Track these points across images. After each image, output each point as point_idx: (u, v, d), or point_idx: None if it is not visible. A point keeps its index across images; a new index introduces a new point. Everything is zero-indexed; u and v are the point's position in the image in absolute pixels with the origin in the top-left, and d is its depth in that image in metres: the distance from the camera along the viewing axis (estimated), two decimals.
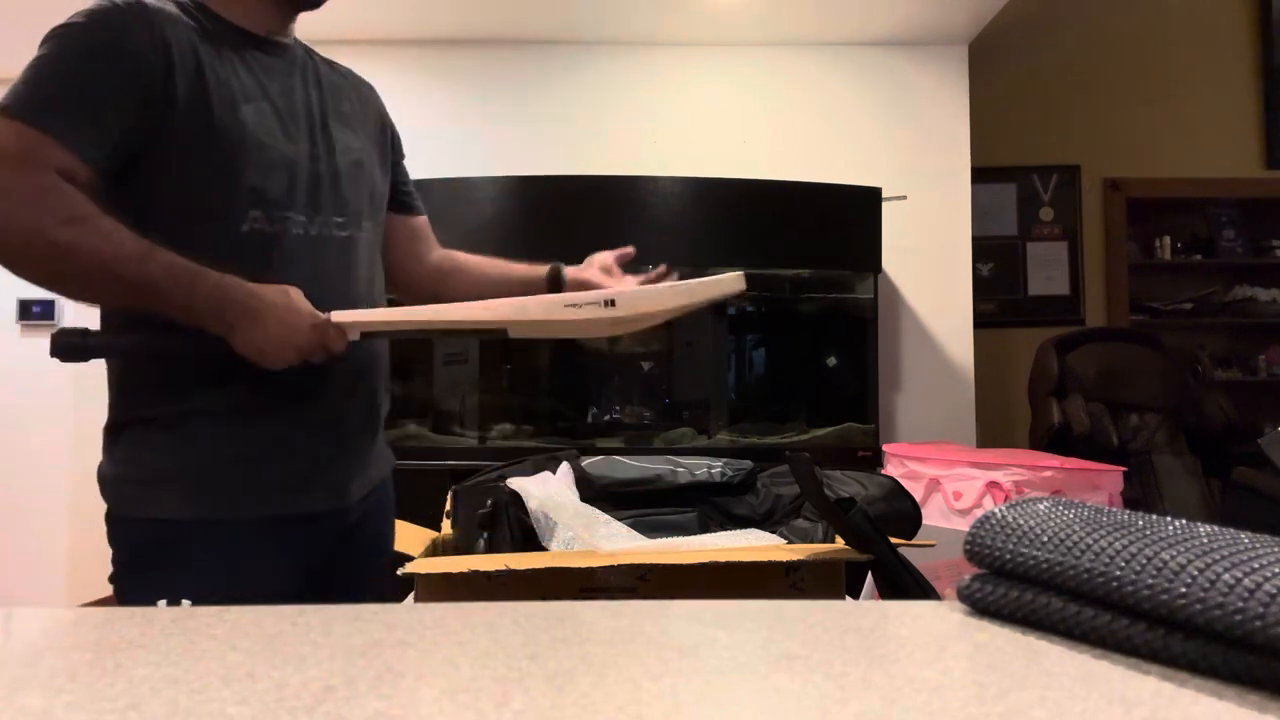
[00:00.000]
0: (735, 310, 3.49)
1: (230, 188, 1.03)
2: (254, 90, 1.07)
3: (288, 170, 1.07)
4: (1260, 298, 4.38)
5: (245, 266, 1.01)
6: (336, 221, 1.12)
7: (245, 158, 1.04)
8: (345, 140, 1.16)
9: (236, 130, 1.04)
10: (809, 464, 1.48)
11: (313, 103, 1.14)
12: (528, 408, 3.28)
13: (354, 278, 1.14)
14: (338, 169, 1.13)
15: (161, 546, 1.04)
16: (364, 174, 1.18)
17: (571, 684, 0.44)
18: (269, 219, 1.06)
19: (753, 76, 3.64)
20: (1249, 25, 4.40)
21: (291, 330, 0.99)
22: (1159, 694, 0.43)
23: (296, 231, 1.07)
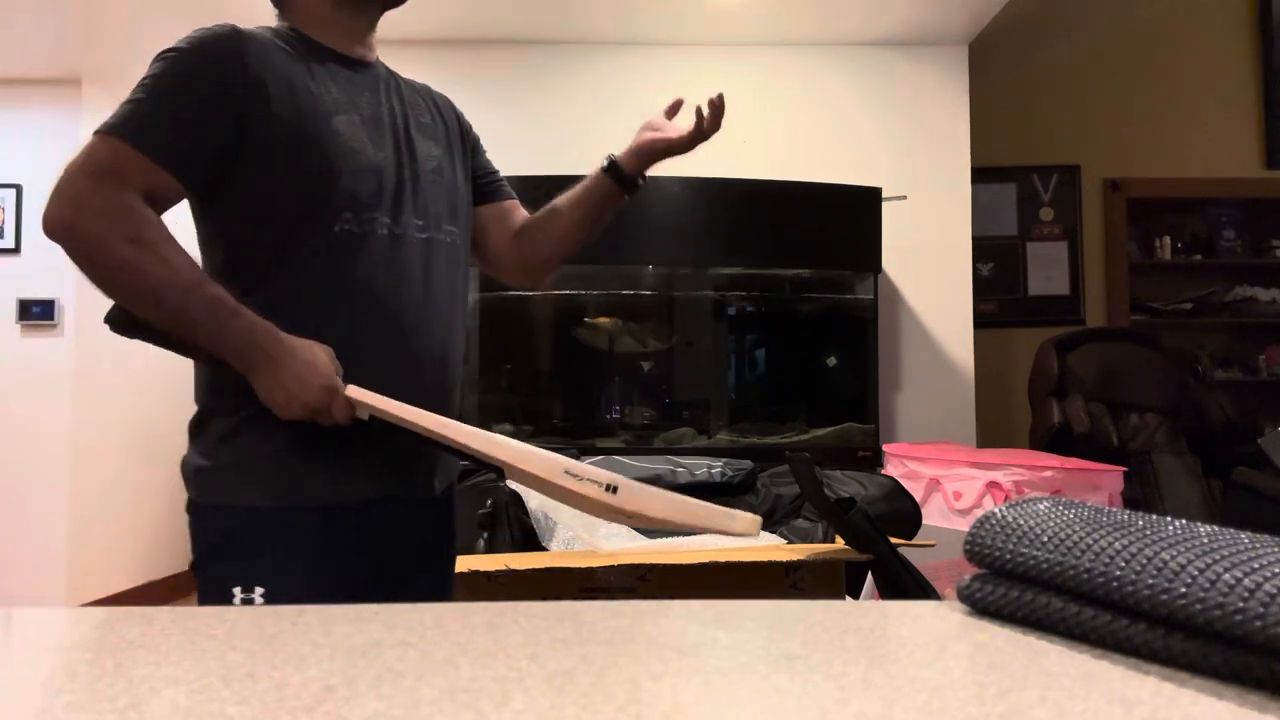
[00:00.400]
0: (735, 310, 3.49)
1: (326, 191, 1.11)
2: (345, 104, 1.16)
3: (376, 175, 1.15)
4: (1260, 298, 4.38)
5: (336, 262, 1.11)
6: (417, 224, 1.19)
7: (340, 164, 1.12)
8: (426, 149, 1.24)
9: (331, 139, 1.12)
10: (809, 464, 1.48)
11: (396, 115, 1.23)
12: (528, 408, 3.28)
13: (433, 276, 1.20)
14: (419, 175, 1.21)
15: (244, 533, 1.09)
16: (444, 180, 1.25)
17: (571, 684, 0.44)
18: (358, 220, 1.13)
19: (753, 76, 3.64)
20: (1249, 25, 4.40)
21: (303, 387, 1.04)
22: (1159, 694, 0.43)
23: (381, 232, 1.15)
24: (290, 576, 1.07)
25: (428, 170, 1.23)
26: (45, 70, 3.78)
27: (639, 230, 3.13)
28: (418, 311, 1.17)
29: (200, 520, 1.13)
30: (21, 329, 3.75)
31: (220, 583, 1.08)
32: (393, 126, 1.21)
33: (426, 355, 1.18)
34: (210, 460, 1.12)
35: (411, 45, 3.54)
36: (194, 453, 1.14)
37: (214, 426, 1.13)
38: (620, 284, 3.28)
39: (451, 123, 1.35)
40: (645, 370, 3.32)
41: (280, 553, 1.08)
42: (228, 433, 1.11)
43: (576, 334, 3.32)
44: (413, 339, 1.16)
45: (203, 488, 1.12)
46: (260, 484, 1.10)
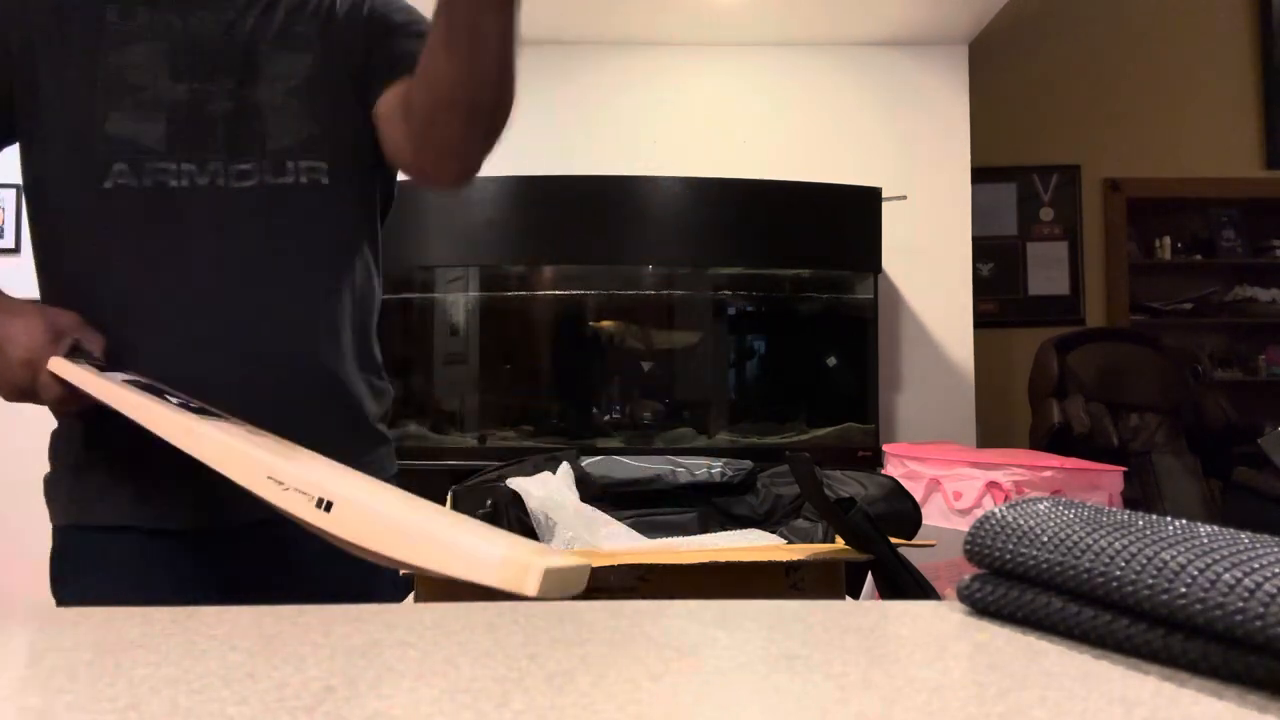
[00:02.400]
0: (735, 310, 3.49)
1: (89, 139, 0.93)
2: (148, 30, 0.96)
3: (166, 113, 0.94)
4: (1260, 298, 4.38)
5: (112, 226, 0.93)
6: (241, 169, 0.95)
7: (108, 103, 0.93)
8: (282, 66, 0.99)
9: (104, 74, 0.93)
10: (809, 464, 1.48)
11: (239, 30, 0.98)
12: (528, 408, 3.28)
13: (273, 234, 0.97)
14: (258, 103, 0.96)
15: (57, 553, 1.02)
16: (310, 103, 0.99)
17: (571, 684, 0.44)
18: (136, 172, 0.93)
19: (753, 76, 3.64)
20: (1249, 25, 4.40)
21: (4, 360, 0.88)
22: (1159, 694, 0.43)
23: (177, 183, 0.93)
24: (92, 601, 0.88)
25: (276, 94, 0.98)
26: None
27: (639, 230, 3.13)
28: (242, 283, 0.96)
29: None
30: None
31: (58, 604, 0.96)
32: (227, 47, 0.97)
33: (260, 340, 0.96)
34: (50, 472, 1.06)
35: None
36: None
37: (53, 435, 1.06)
38: (620, 284, 3.28)
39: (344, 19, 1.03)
40: (645, 370, 3.32)
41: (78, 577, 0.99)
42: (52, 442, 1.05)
43: (586, 336, 3.33)
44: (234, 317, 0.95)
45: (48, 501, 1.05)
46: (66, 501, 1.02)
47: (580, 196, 3.13)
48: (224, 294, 0.96)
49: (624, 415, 3.25)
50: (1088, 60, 4.31)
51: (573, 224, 3.12)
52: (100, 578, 0.97)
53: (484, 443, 3.03)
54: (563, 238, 3.12)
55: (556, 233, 3.12)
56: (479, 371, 3.26)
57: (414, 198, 2.92)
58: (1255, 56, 4.39)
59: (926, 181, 3.55)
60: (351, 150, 1.02)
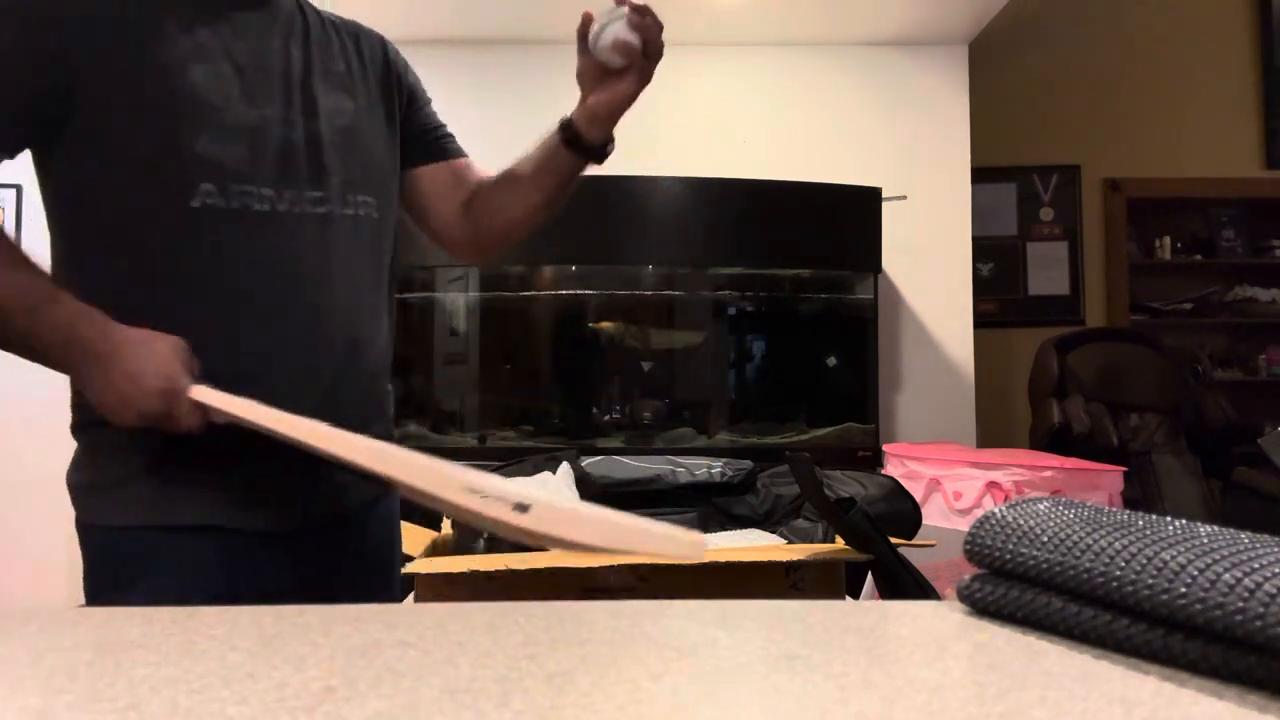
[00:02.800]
0: (735, 310, 3.49)
1: (175, 158, 0.93)
2: (211, 50, 0.96)
3: (248, 138, 0.96)
4: (1260, 298, 4.38)
5: (197, 246, 0.94)
6: (312, 196, 1.00)
7: (193, 125, 0.93)
8: (333, 103, 1.04)
9: (182, 93, 0.93)
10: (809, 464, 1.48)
11: (293, 62, 1.03)
12: (528, 408, 3.28)
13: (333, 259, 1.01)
14: (319, 136, 1.02)
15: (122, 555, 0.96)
16: (358, 141, 1.06)
17: (571, 684, 0.44)
18: (224, 193, 0.95)
19: (753, 76, 3.64)
20: (1249, 25, 4.40)
21: (137, 388, 0.86)
22: (1159, 694, 0.43)
23: (260, 208, 0.96)
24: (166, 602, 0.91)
25: (332, 129, 1.03)
26: None
27: (639, 230, 3.13)
28: (309, 304, 0.99)
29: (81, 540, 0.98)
30: None
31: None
32: (285, 77, 1.01)
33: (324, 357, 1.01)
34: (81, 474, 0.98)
35: (410, 45, 3.54)
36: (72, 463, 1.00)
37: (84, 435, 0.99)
38: (620, 284, 3.28)
39: (376, 68, 1.13)
40: (645, 370, 3.32)
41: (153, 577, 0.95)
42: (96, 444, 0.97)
43: (586, 336, 3.33)
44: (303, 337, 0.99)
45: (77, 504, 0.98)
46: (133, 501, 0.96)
47: (580, 196, 3.12)
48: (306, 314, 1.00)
49: (624, 415, 3.25)
50: (1088, 60, 4.31)
51: (573, 224, 3.11)
52: (179, 579, 0.95)
53: (484, 443, 3.03)
54: (562, 238, 3.12)
55: (556, 233, 3.11)
56: (479, 371, 3.26)
57: None
58: (1255, 56, 4.38)
59: (926, 181, 3.55)
60: (389, 191, 1.12)
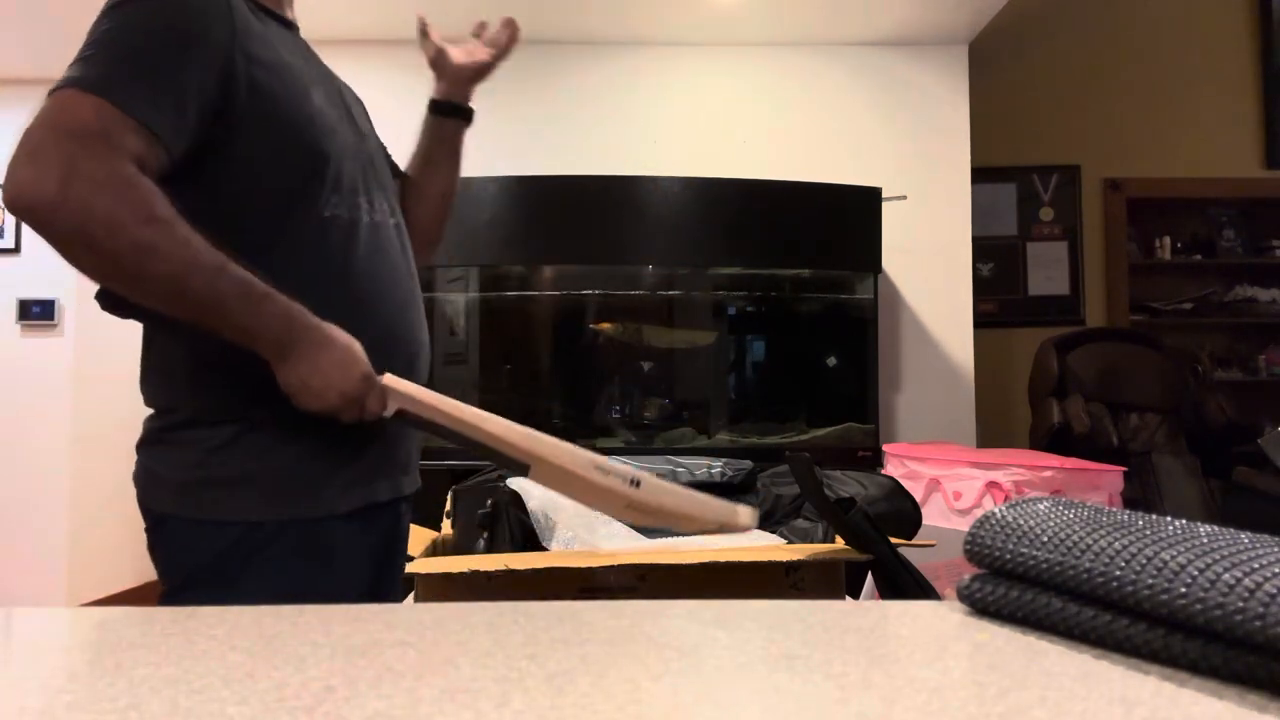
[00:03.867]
0: (735, 310, 3.49)
1: (312, 174, 1.00)
2: (315, 76, 1.05)
3: (352, 156, 1.06)
4: (1260, 298, 4.38)
5: (330, 252, 1.01)
6: (385, 208, 1.10)
7: (328, 143, 1.02)
8: (365, 126, 1.16)
9: (315, 114, 1.01)
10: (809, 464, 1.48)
11: (339, 88, 1.13)
12: (528, 408, 3.28)
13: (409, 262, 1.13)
14: (372, 155, 1.12)
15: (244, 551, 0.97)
16: (385, 160, 1.18)
17: (571, 684, 0.44)
18: (345, 205, 1.03)
19: (753, 76, 3.64)
20: (1249, 26, 4.40)
21: (345, 374, 0.95)
22: (1159, 694, 0.43)
23: (365, 219, 1.06)
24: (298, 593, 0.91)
25: (376, 149, 1.15)
26: (44, 70, 3.78)
27: (639, 230, 3.13)
28: (405, 301, 1.10)
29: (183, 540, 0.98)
30: (21, 329, 3.75)
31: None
32: (341, 99, 1.11)
33: (418, 346, 1.12)
34: (202, 471, 0.98)
35: (409, 45, 3.54)
36: (168, 462, 0.99)
37: (202, 433, 0.98)
38: (620, 284, 3.28)
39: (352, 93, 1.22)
40: (645, 370, 3.32)
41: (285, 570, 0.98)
42: (227, 440, 0.98)
43: (586, 336, 3.32)
44: (408, 330, 1.10)
45: (189, 503, 0.98)
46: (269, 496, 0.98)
47: (580, 196, 3.13)
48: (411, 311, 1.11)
49: (624, 415, 3.25)
50: (1088, 60, 4.31)
51: (573, 224, 3.12)
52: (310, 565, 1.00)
53: None
54: (563, 238, 3.13)
55: (556, 233, 3.12)
56: (479, 371, 3.26)
57: None
58: (1255, 56, 4.39)
59: (926, 181, 3.55)
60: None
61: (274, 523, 0.98)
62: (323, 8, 3.14)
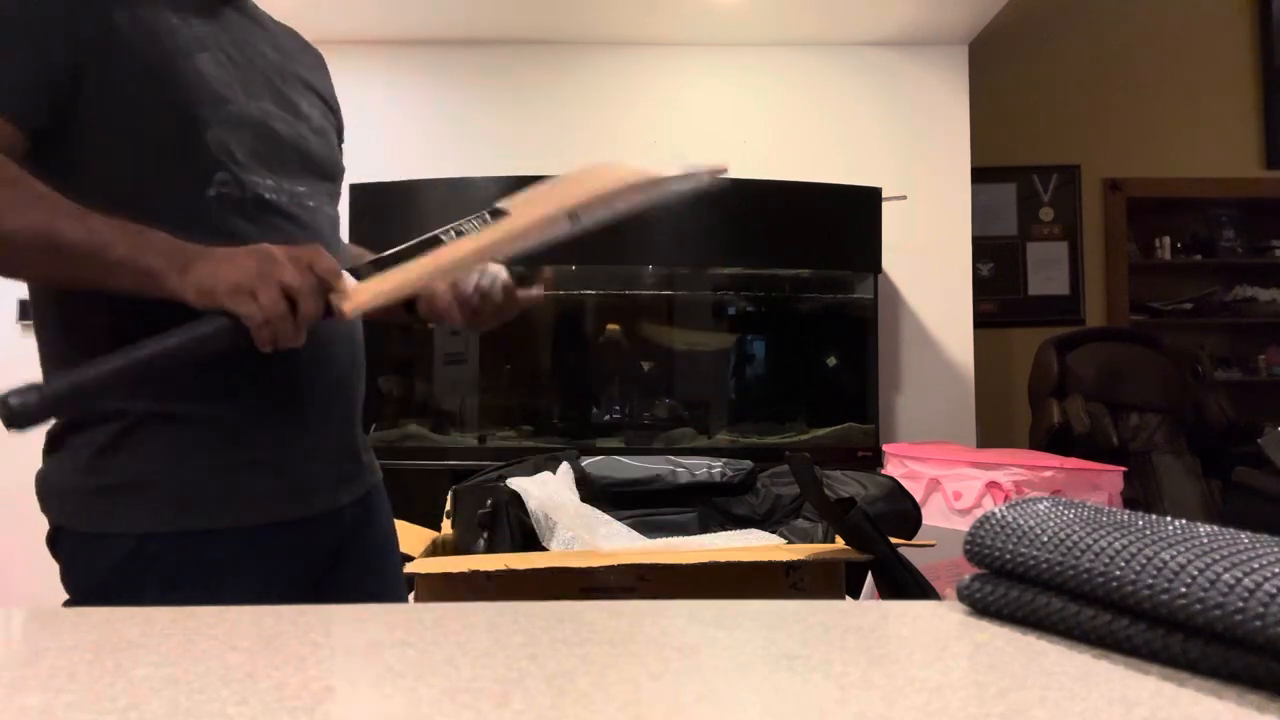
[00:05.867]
0: (735, 310, 3.49)
1: (192, 145, 0.93)
2: (208, 39, 0.96)
3: (251, 129, 0.97)
4: (1260, 298, 4.38)
5: (215, 236, 0.91)
6: (300, 190, 1.01)
7: (206, 112, 0.93)
8: (306, 108, 1.07)
9: (194, 80, 0.93)
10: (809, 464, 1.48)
11: (268, 60, 1.04)
12: (528, 407, 3.28)
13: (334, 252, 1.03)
14: (303, 136, 1.04)
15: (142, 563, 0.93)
16: (325, 144, 1.08)
17: (571, 684, 0.44)
18: (238, 183, 0.95)
19: (753, 76, 3.64)
20: (1249, 26, 4.40)
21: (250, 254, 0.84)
22: (1159, 694, 0.43)
23: (268, 196, 0.97)
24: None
25: (310, 130, 1.05)
26: None
27: (639, 230, 3.12)
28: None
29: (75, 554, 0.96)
30: (22, 329, 3.75)
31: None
32: (269, 74, 1.03)
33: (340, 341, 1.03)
34: (87, 478, 0.95)
35: (410, 45, 3.55)
36: (59, 468, 0.96)
37: (88, 434, 0.95)
38: (620, 284, 3.28)
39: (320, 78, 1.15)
40: (645, 370, 3.32)
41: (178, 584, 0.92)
42: (110, 442, 0.94)
43: (586, 336, 3.32)
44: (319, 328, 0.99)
45: (77, 513, 0.96)
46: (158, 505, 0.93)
47: None
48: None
49: (624, 415, 3.25)
50: (1088, 60, 4.31)
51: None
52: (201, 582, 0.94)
53: (484, 443, 3.03)
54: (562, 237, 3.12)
55: None
56: (479, 371, 3.26)
57: (411, 197, 2.92)
58: (1255, 56, 4.38)
59: (926, 181, 3.55)
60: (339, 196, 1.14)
61: (165, 535, 0.92)
62: (322, 7, 3.14)
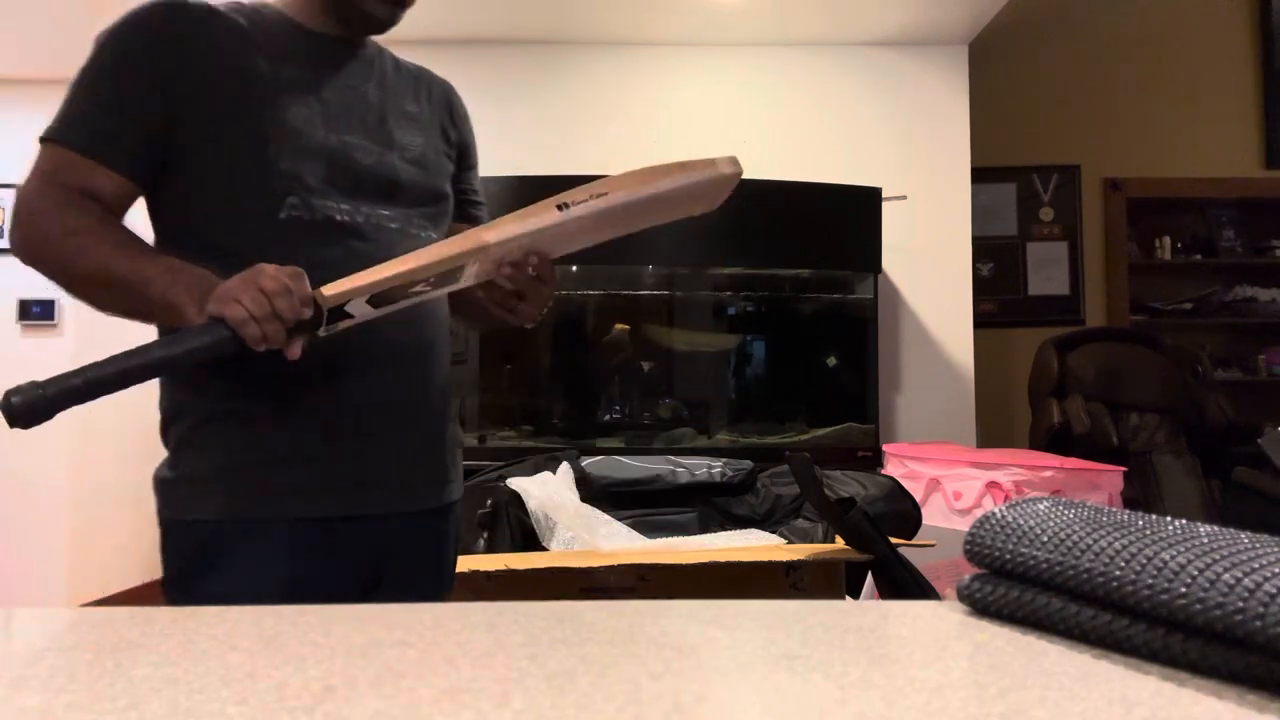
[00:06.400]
0: (735, 310, 3.49)
1: (264, 174, 1.05)
2: (301, 84, 1.09)
3: (327, 158, 1.08)
4: (1260, 298, 4.38)
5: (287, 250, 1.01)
6: (384, 214, 1.12)
7: (279, 145, 1.05)
8: (405, 139, 1.17)
9: (271, 119, 1.06)
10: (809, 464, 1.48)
11: (370, 100, 1.16)
12: (528, 407, 3.28)
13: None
14: (393, 166, 1.14)
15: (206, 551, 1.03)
16: (424, 174, 1.18)
17: (571, 684, 0.44)
18: (307, 206, 1.06)
19: (753, 76, 3.64)
20: (1249, 26, 4.40)
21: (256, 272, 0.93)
22: (1159, 694, 0.43)
23: (339, 218, 1.08)
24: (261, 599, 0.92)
25: (404, 160, 1.16)
26: (45, 70, 3.78)
27: (639, 230, 3.13)
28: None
29: (164, 540, 1.07)
30: (22, 329, 3.75)
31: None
32: (363, 111, 1.14)
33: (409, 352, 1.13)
34: (171, 471, 1.06)
35: (409, 45, 3.54)
36: (162, 462, 1.08)
37: (173, 432, 1.07)
38: (620, 284, 3.28)
39: (439, 112, 1.27)
40: (645, 370, 3.32)
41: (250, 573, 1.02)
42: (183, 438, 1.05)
43: (586, 336, 3.32)
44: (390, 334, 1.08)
45: (163, 502, 1.06)
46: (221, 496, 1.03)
47: None
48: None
49: (624, 415, 3.25)
50: (1088, 60, 4.31)
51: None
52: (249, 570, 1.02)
53: (484, 443, 3.03)
54: None
55: None
56: (479, 371, 3.26)
57: None
58: (1255, 56, 4.38)
59: (926, 181, 3.55)
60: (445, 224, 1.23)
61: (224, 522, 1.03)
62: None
